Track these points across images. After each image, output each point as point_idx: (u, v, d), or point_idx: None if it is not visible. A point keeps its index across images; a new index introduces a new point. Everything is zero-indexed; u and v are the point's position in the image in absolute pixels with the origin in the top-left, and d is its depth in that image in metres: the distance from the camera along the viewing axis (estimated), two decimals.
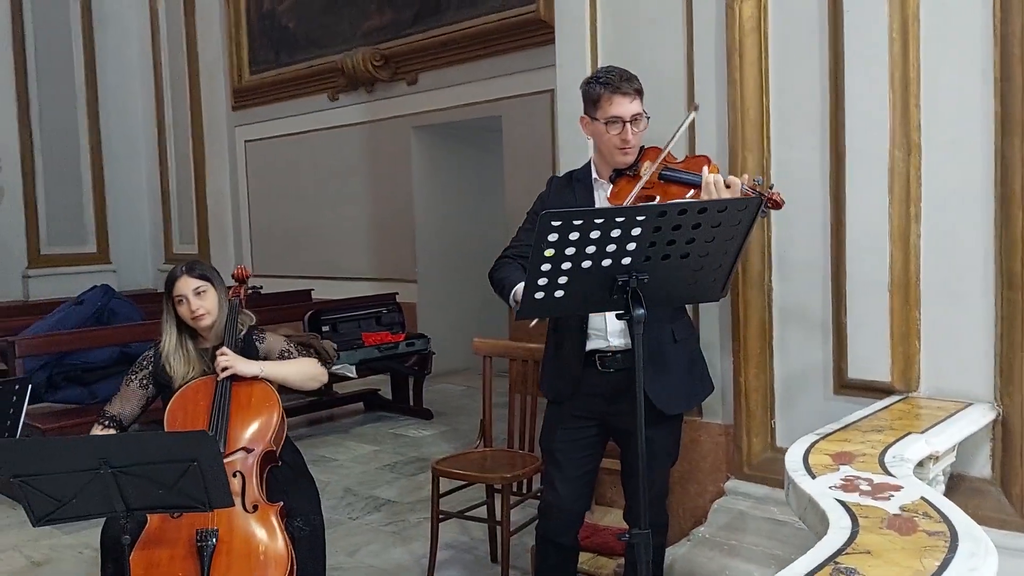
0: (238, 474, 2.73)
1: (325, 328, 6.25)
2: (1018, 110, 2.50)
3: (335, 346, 5.92)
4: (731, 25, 3.00)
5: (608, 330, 2.50)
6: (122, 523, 2.39)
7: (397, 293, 7.09)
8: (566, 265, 1.92)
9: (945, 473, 2.59)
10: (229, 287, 3.14)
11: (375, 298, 6.91)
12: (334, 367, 5.86)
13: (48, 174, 10.63)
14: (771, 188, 2.41)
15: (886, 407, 2.60)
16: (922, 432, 2.29)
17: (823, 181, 2.87)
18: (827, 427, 2.39)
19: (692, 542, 3.13)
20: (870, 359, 2.78)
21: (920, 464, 2.25)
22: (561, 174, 2.77)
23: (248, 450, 2.79)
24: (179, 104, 10.64)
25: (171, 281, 2.96)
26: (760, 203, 2.00)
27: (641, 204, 2.31)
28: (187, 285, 2.92)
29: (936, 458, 2.28)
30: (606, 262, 1.94)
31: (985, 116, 2.57)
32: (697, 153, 3.15)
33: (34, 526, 2.28)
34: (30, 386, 2.56)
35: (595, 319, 2.51)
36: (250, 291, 3.33)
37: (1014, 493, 2.57)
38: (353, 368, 5.98)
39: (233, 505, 2.43)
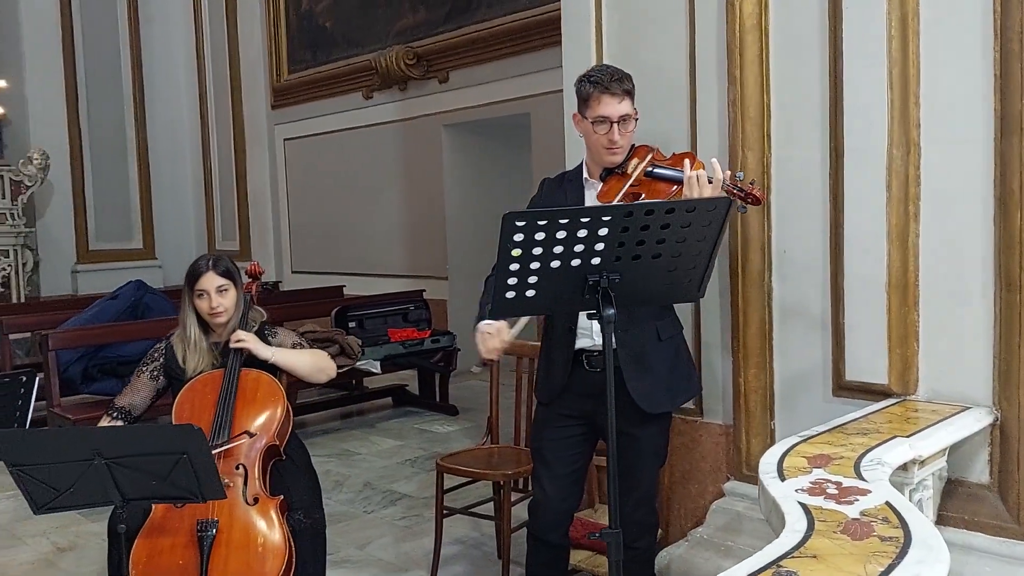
0: (240, 466, 2.79)
1: (352, 324, 6.33)
2: (1017, 108, 2.44)
3: (360, 342, 6.06)
4: (731, 22, 2.98)
5: (594, 329, 2.50)
6: (119, 512, 2.47)
7: (424, 290, 7.15)
8: (535, 265, 1.93)
9: (941, 478, 2.56)
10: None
11: (402, 295, 6.99)
12: (359, 362, 5.97)
13: (96, 172, 10.93)
14: (752, 184, 2.40)
15: (880, 410, 2.57)
16: (908, 436, 2.26)
17: (823, 179, 2.84)
18: (813, 429, 2.37)
19: (690, 542, 3.12)
20: (867, 361, 2.74)
21: (904, 468, 2.22)
22: (553, 176, 2.78)
23: (251, 443, 2.85)
24: (221, 103, 10.86)
25: (195, 275, 2.98)
26: (729, 203, 1.99)
27: (606, 204, 2.32)
28: (211, 282, 2.96)
29: (921, 462, 2.24)
30: (575, 262, 1.94)
31: (985, 114, 2.52)
32: (701, 152, 3.15)
33: (35, 513, 2.37)
34: (37, 378, 2.65)
35: (582, 319, 2.52)
36: (263, 288, 3.39)
37: (1010, 500, 2.52)
38: (377, 364, 6.05)
39: (225, 497, 2.48)
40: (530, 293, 1.99)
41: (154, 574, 2.58)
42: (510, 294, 1.99)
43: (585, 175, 2.62)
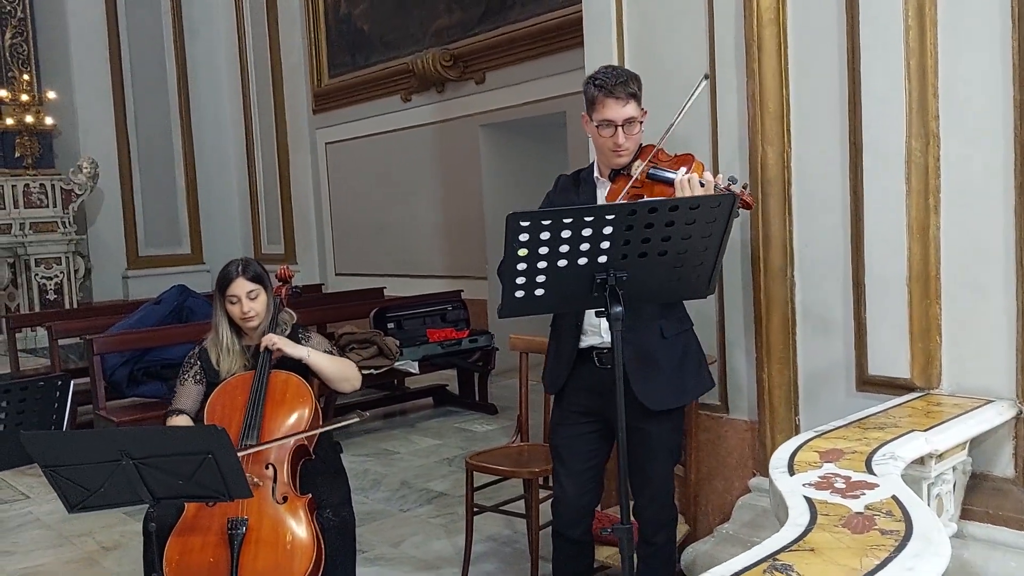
0: (270, 465, 2.86)
1: (390, 325, 6.40)
2: None
3: (398, 343, 6.13)
4: (749, 17, 2.97)
5: (603, 327, 2.51)
6: (151, 511, 2.56)
7: (462, 290, 7.20)
8: (542, 264, 1.96)
9: (965, 472, 2.53)
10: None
11: (440, 295, 7.04)
12: (397, 363, 6.03)
13: (144, 179, 11.22)
14: (744, 188, 2.39)
15: (901, 404, 2.55)
16: (925, 430, 2.24)
17: (843, 173, 2.82)
18: (830, 424, 2.36)
19: (716, 538, 3.12)
20: (890, 355, 2.71)
21: (921, 462, 2.20)
22: (570, 172, 2.81)
23: (280, 444, 2.91)
24: (264, 109, 11.05)
25: (226, 281, 3.06)
26: (734, 200, 1.99)
27: (611, 203, 2.33)
28: (242, 288, 3.03)
29: (939, 456, 2.22)
30: (582, 260, 1.97)
31: (1005, 104, 2.48)
32: (721, 147, 3.14)
33: (69, 512, 2.46)
34: (72, 382, 2.74)
35: (591, 316, 2.53)
36: (293, 291, 3.44)
37: None
38: (416, 364, 6.11)
39: (252, 496, 2.55)
40: (539, 292, 2.02)
41: (186, 571, 2.66)
42: (519, 293, 2.02)
43: (596, 174, 2.64)
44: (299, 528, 2.75)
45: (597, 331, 2.55)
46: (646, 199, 2.35)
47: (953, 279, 2.62)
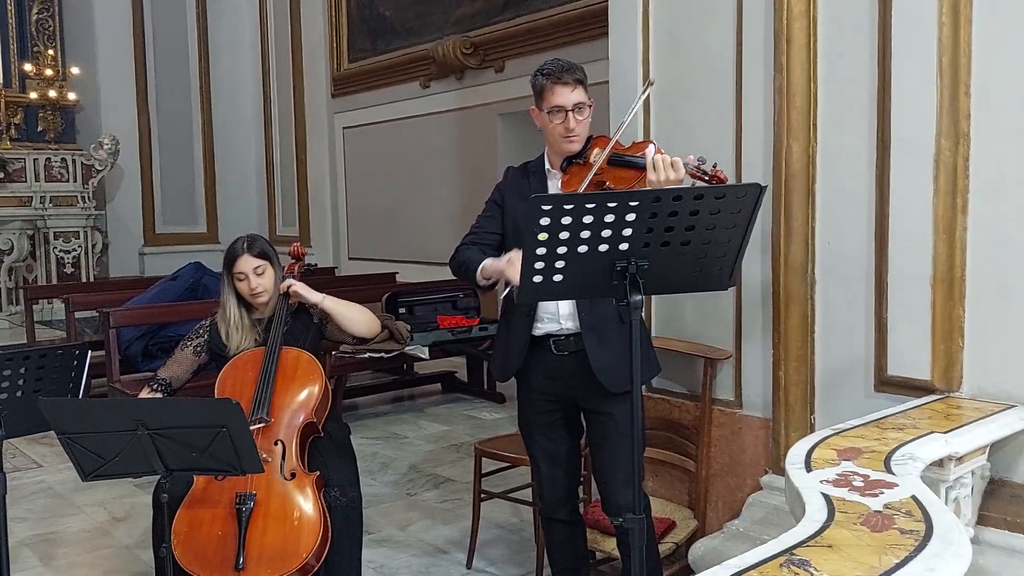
0: (279, 442, 2.86)
1: (401, 310, 6.40)
2: None
3: (409, 327, 6.12)
4: (779, 9, 2.93)
5: (560, 313, 2.57)
6: (162, 482, 2.56)
7: None
8: (561, 249, 1.93)
9: (983, 477, 2.50)
10: (284, 264, 3.26)
11: (452, 282, 7.01)
12: (408, 347, 6.03)
13: (164, 158, 11.27)
14: (715, 167, 2.38)
15: (920, 405, 2.52)
16: (945, 432, 2.21)
17: (869, 170, 2.79)
18: (848, 422, 2.33)
19: (725, 535, 3.10)
20: (910, 356, 2.68)
21: (940, 464, 2.17)
22: (516, 165, 2.82)
23: (290, 420, 2.91)
24: (284, 91, 11.07)
25: (232, 258, 3.07)
26: (760, 190, 1.96)
27: (635, 190, 2.31)
28: (248, 264, 3.04)
29: (959, 459, 2.19)
30: (603, 247, 1.94)
31: None
32: (745, 141, 3.11)
33: (83, 480, 2.46)
34: (89, 352, 2.75)
35: (547, 304, 2.57)
36: (306, 268, 3.44)
37: None
38: (426, 350, 6.11)
39: (263, 471, 2.55)
40: (557, 278, 1.99)
41: (194, 544, 2.67)
42: (537, 278, 1.99)
43: (547, 166, 2.67)
44: (306, 505, 2.75)
45: (555, 318, 2.59)
46: (610, 186, 2.37)
47: (978, 281, 2.58)
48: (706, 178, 2.40)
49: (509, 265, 2.40)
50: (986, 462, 2.41)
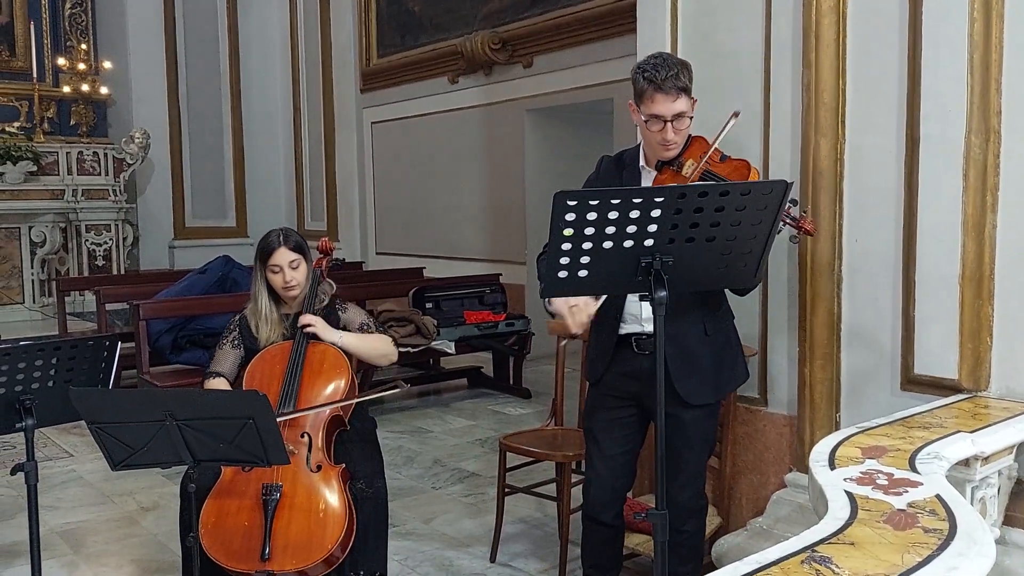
0: (305, 434, 2.89)
1: (428, 305, 6.43)
2: None
3: (435, 322, 6.16)
4: (808, 5, 2.92)
5: (643, 316, 2.53)
6: (190, 473, 2.59)
7: (501, 274, 7.21)
8: (587, 245, 1.94)
9: (1010, 478, 2.47)
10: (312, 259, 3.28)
11: (479, 278, 7.06)
12: (434, 342, 6.06)
13: (194, 152, 11.38)
14: (804, 214, 2.35)
15: (947, 404, 2.50)
16: (972, 432, 2.19)
17: (898, 168, 2.76)
18: (874, 421, 2.32)
19: (749, 532, 3.09)
20: (938, 355, 2.66)
21: (966, 464, 2.15)
22: (613, 155, 2.79)
23: (316, 413, 2.94)
24: (313, 86, 11.13)
25: (268, 251, 3.07)
26: (786, 187, 1.96)
27: (660, 186, 2.30)
28: (284, 257, 3.05)
29: (985, 459, 2.17)
30: (628, 243, 1.94)
31: None
32: (773, 138, 3.09)
33: (112, 470, 2.51)
34: (119, 343, 2.79)
35: (631, 306, 2.54)
36: (333, 263, 3.46)
37: None
38: (452, 345, 6.14)
39: (289, 463, 2.58)
40: (582, 273, 2.00)
41: (221, 534, 2.70)
42: (562, 274, 2.00)
43: (642, 162, 2.61)
44: (332, 497, 2.78)
45: (637, 319, 2.55)
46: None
47: (1007, 280, 2.56)
48: (794, 224, 2.41)
49: (571, 313, 2.38)
50: (1013, 462, 2.39)
